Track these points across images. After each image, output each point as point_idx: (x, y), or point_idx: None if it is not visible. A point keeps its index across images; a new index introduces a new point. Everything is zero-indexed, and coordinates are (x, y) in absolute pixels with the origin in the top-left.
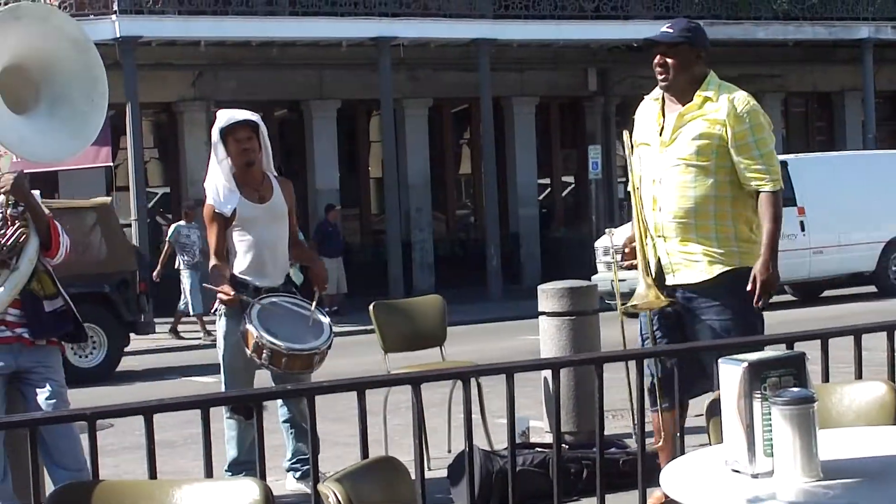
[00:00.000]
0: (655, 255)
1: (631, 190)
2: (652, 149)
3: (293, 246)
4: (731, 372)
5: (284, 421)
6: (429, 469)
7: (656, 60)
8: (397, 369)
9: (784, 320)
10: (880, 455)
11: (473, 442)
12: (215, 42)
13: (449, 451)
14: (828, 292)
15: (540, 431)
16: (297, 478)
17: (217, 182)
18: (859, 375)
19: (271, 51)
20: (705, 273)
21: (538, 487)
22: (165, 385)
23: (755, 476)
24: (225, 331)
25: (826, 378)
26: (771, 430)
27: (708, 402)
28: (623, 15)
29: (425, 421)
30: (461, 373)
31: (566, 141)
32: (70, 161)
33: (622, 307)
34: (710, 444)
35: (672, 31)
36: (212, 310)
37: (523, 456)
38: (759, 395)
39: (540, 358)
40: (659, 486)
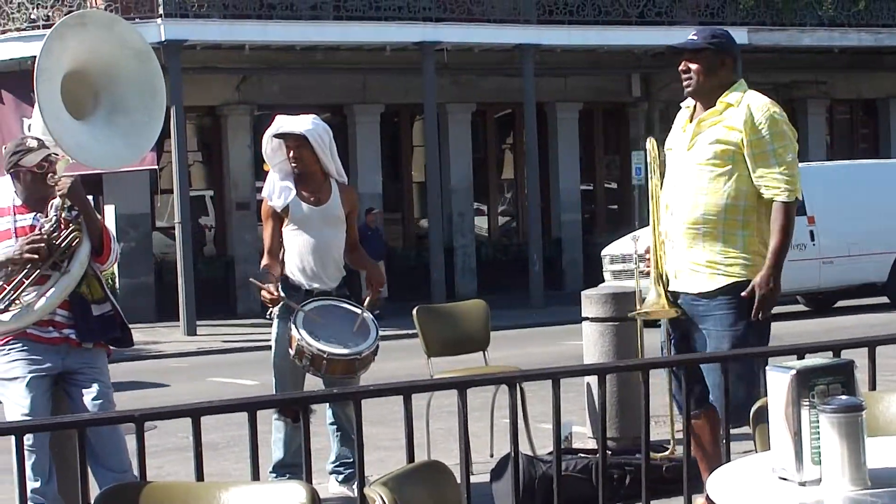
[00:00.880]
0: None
1: (650, 197)
2: (675, 154)
3: (351, 251)
4: (780, 379)
5: (331, 423)
6: (472, 474)
7: (681, 67)
8: (441, 373)
9: (795, 331)
10: None
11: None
12: (259, 46)
13: (491, 456)
14: (841, 303)
15: (582, 437)
16: (340, 481)
17: (275, 178)
18: None
19: (315, 55)
20: (706, 284)
21: (581, 493)
22: (203, 386)
23: (802, 484)
24: (277, 333)
25: (873, 386)
26: (819, 438)
27: (754, 410)
28: (667, 20)
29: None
30: (507, 378)
31: (609, 146)
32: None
33: (632, 313)
34: (756, 452)
35: (696, 38)
36: (267, 314)
37: (566, 461)
38: (808, 403)
39: (586, 363)
40: (702, 493)
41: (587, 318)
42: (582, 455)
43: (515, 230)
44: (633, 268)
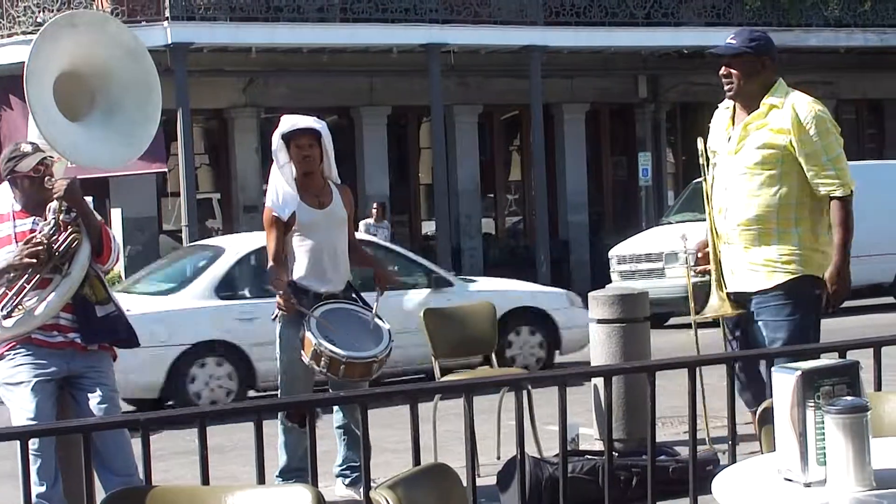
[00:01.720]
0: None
1: (704, 197)
2: (721, 157)
3: (353, 252)
4: (785, 380)
5: (339, 427)
6: (478, 476)
7: (721, 71)
8: (448, 376)
9: None
10: None
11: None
12: (266, 49)
13: (498, 458)
14: (847, 303)
15: (589, 438)
16: (347, 484)
17: (277, 186)
18: None
19: (322, 57)
20: (764, 282)
21: (588, 495)
22: None
23: (808, 485)
24: (283, 339)
25: (879, 387)
26: (824, 439)
27: (760, 410)
28: (674, 21)
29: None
30: (514, 380)
31: (616, 148)
32: (125, 167)
33: (697, 317)
34: (762, 453)
35: (735, 42)
36: (272, 317)
37: (573, 463)
38: (813, 404)
39: (592, 366)
40: (710, 494)
41: (594, 320)
42: (589, 457)
43: (523, 231)
44: (686, 266)
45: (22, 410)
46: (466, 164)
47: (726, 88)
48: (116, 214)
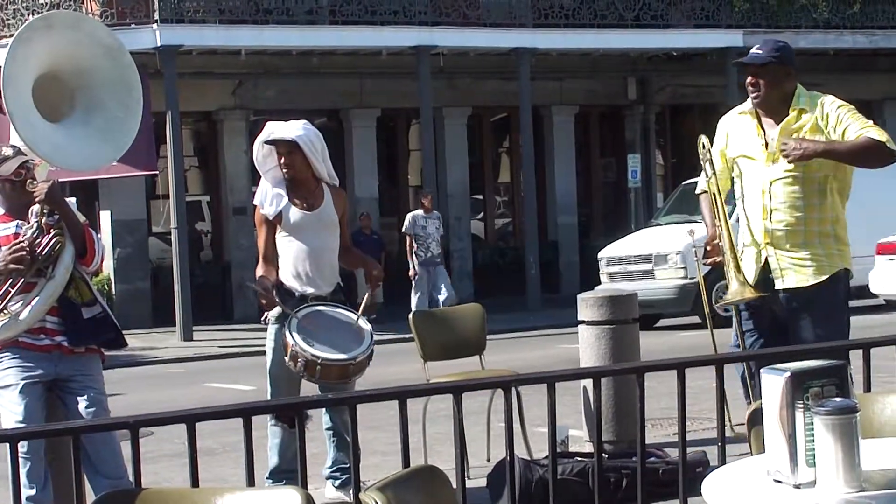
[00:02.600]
0: (758, 262)
1: (708, 193)
2: (757, 162)
3: (345, 253)
4: (774, 382)
5: (328, 428)
6: (468, 478)
7: (749, 80)
8: (437, 378)
9: None
10: None
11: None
12: (255, 51)
13: (488, 460)
14: None
15: (579, 440)
16: (337, 486)
17: (266, 185)
18: None
19: (311, 59)
20: (814, 277)
21: (578, 497)
22: (199, 392)
23: (797, 486)
24: (272, 339)
25: (868, 388)
26: (813, 440)
27: (749, 412)
28: (663, 24)
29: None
30: (502, 382)
31: (605, 150)
32: (115, 169)
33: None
34: (752, 454)
35: (761, 53)
36: (262, 318)
37: (563, 465)
38: (802, 405)
39: (581, 367)
40: (699, 496)
41: (583, 322)
42: (578, 458)
43: (512, 233)
44: (696, 260)
45: (11, 413)
46: (455, 166)
47: (752, 97)
48: (105, 217)
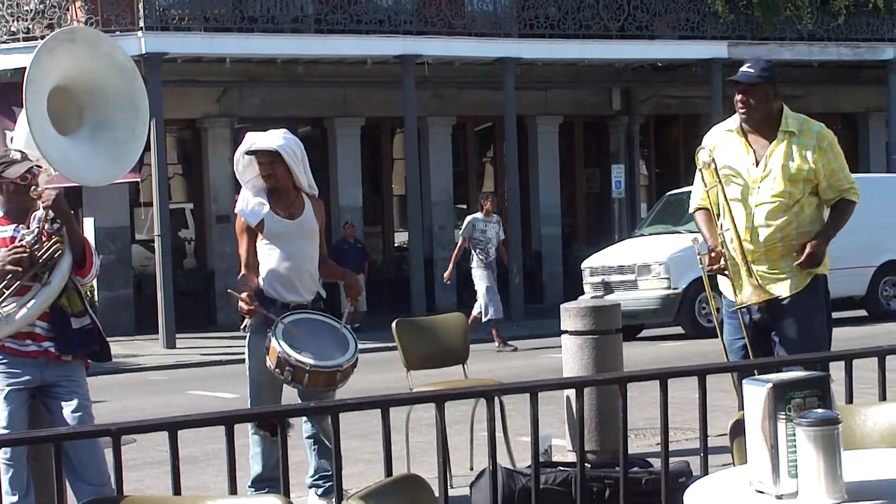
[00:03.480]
0: (739, 276)
1: (709, 204)
2: (744, 181)
3: (322, 265)
4: (756, 393)
5: (308, 437)
6: (451, 487)
7: (739, 98)
8: (420, 387)
9: None
10: None
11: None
12: (240, 59)
13: (471, 469)
14: None
15: (562, 450)
16: (320, 494)
17: (247, 194)
18: (883, 397)
19: (296, 68)
20: (794, 286)
21: None
22: (181, 399)
23: (779, 497)
24: (251, 346)
25: (850, 399)
26: (795, 451)
27: (731, 423)
28: (648, 34)
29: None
30: (485, 391)
31: (590, 160)
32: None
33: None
34: (734, 465)
35: (753, 72)
36: (241, 326)
37: (546, 475)
38: (784, 416)
39: (564, 377)
40: None
41: (566, 332)
42: (561, 468)
43: None
44: (702, 266)
45: None
46: (440, 176)
47: (741, 114)
48: (89, 223)
